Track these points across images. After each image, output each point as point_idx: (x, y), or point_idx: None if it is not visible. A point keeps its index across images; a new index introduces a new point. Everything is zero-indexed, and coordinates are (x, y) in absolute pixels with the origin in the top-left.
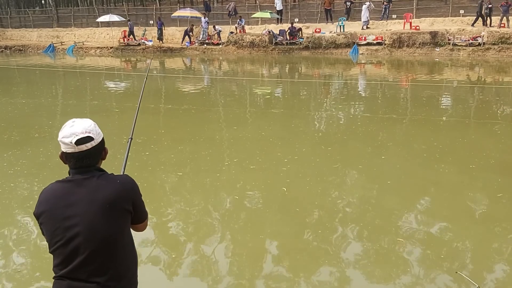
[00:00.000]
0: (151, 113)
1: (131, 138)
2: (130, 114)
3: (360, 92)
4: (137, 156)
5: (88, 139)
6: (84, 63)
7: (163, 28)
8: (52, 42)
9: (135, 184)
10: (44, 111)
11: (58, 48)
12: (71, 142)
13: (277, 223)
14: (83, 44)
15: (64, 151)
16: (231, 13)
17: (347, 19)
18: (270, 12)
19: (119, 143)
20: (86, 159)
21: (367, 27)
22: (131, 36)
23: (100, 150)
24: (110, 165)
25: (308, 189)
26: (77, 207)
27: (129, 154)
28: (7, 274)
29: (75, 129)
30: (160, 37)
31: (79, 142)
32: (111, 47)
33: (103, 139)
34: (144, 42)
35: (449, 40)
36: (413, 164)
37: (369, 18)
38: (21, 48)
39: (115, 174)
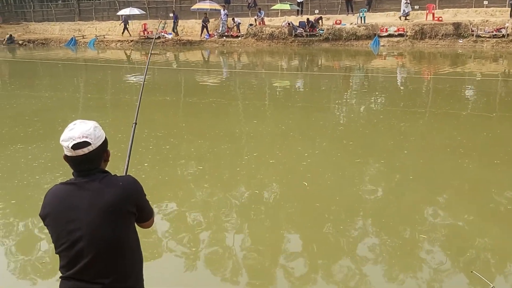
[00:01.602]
0: (172, 107)
1: (135, 123)
2: (150, 108)
3: (381, 85)
4: (158, 149)
5: (85, 144)
6: (105, 56)
7: (177, 21)
8: (74, 35)
9: (138, 185)
10: (67, 105)
11: (80, 42)
12: (68, 146)
13: (297, 217)
14: (104, 37)
15: (65, 153)
16: (250, 5)
17: (368, 10)
18: (290, 4)
19: (140, 137)
20: (84, 164)
21: (406, 19)
22: (126, 30)
23: (99, 154)
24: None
25: (329, 184)
26: (80, 210)
27: (150, 147)
28: (32, 264)
29: (73, 133)
30: (174, 30)
31: (76, 146)
32: (131, 40)
33: (104, 142)
34: (163, 35)
35: (472, 31)
36: (436, 159)
37: (407, 10)
38: (44, 42)
39: (117, 175)
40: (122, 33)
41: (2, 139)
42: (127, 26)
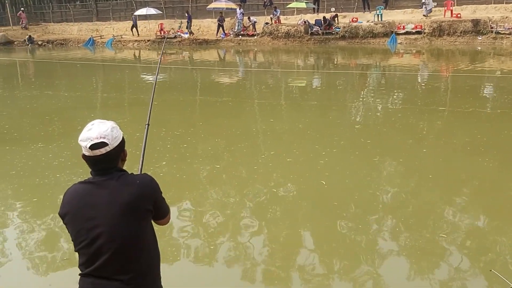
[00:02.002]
0: (188, 106)
1: (148, 124)
2: (168, 107)
3: (398, 83)
4: (176, 148)
5: (102, 144)
6: (122, 56)
7: (190, 21)
8: (91, 35)
9: (154, 183)
10: (86, 104)
11: (98, 42)
12: (86, 147)
13: (315, 216)
14: (122, 37)
15: (83, 152)
16: (266, 3)
17: (385, 8)
18: (306, 2)
19: (157, 136)
20: (102, 163)
21: (428, 15)
22: (134, 29)
23: (116, 154)
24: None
25: (347, 182)
26: (99, 208)
27: (168, 146)
28: (53, 261)
29: (90, 134)
30: (188, 29)
31: (93, 147)
32: (148, 40)
33: (121, 142)
34: (180, 35)
35: (491, 28)
36: (456, 158)
37: (430, 7)
38: (63, 42)
39: (134, 174)
40: (132, 33)
41: (23, 138)
42: (136, 26)
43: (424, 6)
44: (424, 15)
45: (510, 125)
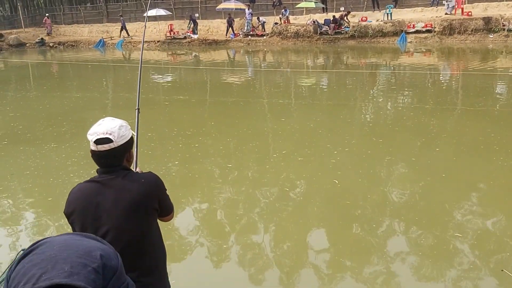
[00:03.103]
0: (200, 106)
1: (138, 109)
2: (179, 107)
3: (409, 82)
4: (187, 148)
5: (107, 140)
6: (132, 57)
7: (194, 24)
8: (102, 37)
9: (159, 181)
10: (98, 105)
11: (108, 43)
12: (91, 140)
13: (327, 215)
14: (132, 38)
15: (90, 147)
16: (275, 3)
17: (394, 7)
18: (315, 2)
19: (169, 135)
20: (105, 159)
21: (451, 13)
22: (124, 31)
23: (121, 153)
24: (157, 152)
25: (360, 181)
26: (104, 207)
27: (180, 145)
28: None
29: (99, 128)
30: (195, 31)
31: (98, 142)
32: (158, 41)
33: (127, 142)
34: (189, 36)
35: (503, 25)
36: (469, 157)
37: (451, 4)
38: (74, 44)
39: (139, 172)
40: (120, 34)
41: (36, 139)
42: (125, 27)
43: (446, 3)
44: (446, 13)
45: None
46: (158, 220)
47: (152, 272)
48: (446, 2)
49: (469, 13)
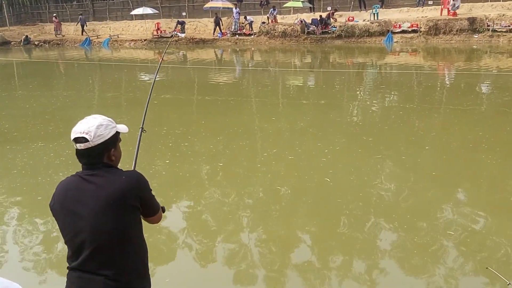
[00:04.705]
0: (189, 105)
1: (142, 128)
2: (168, 106)
3: (397, 82)
4: (177, 147)
5: (83, 139)
6: (119, 56)
7: (180, 25)
8: (88, 35)
9: (142, 179)
10: (85, 103)
11: (94, 42)
12: (71, 139)
13: (319, 213)
14: (118, 37)
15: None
16: (262, 3)
17: (381, 7)
18: (302, 1)
19: (159, 134)
20: (84, 157)
21: (455, 12)
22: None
23: (99, 152)
24: (146, 151)
25: (351, 179)
26: (83, 203)
27: (170, 144)
28: (56, 259)
29: (78, 127)
30: (182, 31)
31: (76, 140)
32: (144, 40)
33: (106, 141)
34: (177, 34)
35: (488, 26)
36: (459, 155)
37: (458, 4)
38: (59, 42)
39: (123, 170)
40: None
41: (23, 138)
42: (84, 27)
43: (452, 2)
44: (450, 11)
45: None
46: (143, 221)
47: (132, 270)
48: (453, 0)
49: (455, 13)
